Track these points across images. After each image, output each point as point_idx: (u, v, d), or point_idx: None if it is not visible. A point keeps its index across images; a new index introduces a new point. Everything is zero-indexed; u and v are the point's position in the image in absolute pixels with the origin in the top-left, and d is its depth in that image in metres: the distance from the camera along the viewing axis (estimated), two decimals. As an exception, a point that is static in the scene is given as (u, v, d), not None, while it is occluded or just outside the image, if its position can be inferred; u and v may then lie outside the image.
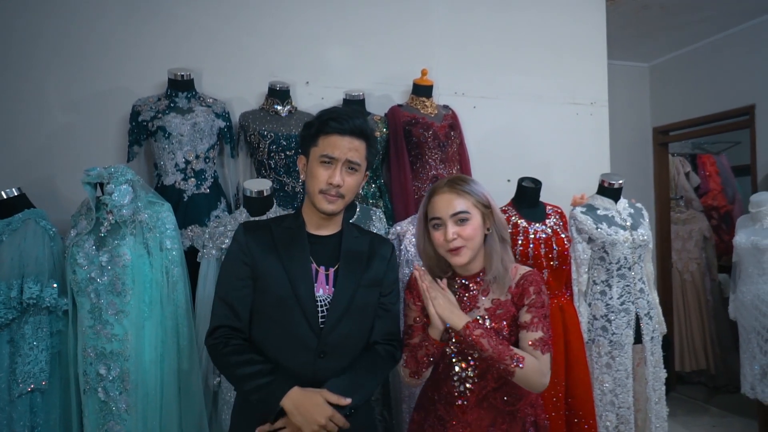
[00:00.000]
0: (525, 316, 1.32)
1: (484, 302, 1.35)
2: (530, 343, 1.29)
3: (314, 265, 1.31)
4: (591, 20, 3.04)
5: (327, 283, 1.31)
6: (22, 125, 2.20)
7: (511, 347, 1.27)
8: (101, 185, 1.79)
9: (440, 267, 1.40)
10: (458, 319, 1.28)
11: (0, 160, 2.16)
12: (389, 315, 1.39)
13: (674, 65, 4.15)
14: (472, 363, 1.35)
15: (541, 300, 1.33)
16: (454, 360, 1.37)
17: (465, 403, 1.34)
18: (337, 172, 1.28)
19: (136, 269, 1.72)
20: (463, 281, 1.39)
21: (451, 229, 1.31)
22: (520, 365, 1.24)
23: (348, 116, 1.29)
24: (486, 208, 1.36)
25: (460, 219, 1.32)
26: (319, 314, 1.28)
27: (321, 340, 1.26)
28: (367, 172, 1.39)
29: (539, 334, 1.30)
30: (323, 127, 1.28)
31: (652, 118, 4.32)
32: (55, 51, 2.25)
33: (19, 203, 1.86)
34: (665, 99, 4.22)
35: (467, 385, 1.35)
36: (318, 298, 1.29)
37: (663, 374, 2.27)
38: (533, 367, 1.26)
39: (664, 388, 2.27)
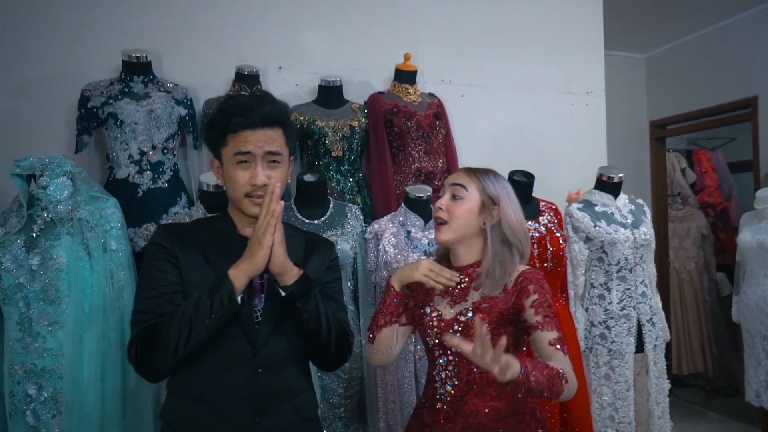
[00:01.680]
0: (535, 317, 1.18)
1: (474, 296, 1.25)
2: (551, 342, 1.15)
3: None
4: (586, 5, 2.88)
5: (262, 291, 1.13)
6: (-43, 111, 1.98)
7: (548, 364, 1.06)
8: (36, 178, 1.57)
9: (441, 253, 1.36)
10: (513, 367, 0.98)
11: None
12: (335, 302, 1.25)
13: (672, 56, 3.99)
14: (450, 358, 1.25)
15: (546, 298, 1.20)
16: (437, 354, 1.28)
17: (445, 407, 1.23)
18: (258, 170, 1.11)
19: (73, 273, 1.51)
20: (455, 272, 1.29)
21: (444, 199, 1.27)
22: (566, 380, 1.07)
23: (254, 105, 1.11)
24: (492, 201, 1.27)
25: (455, 194, 1.27)
26: (256, 326, 1.11)
27: (258, 354, 1.10)
28: (292, 158, 1.23)
29: (556, 333, 1.16)
30: (229, 125, 1.10)
31: (648, 111, 4.18)
32: (-4, 28, 2.02)
33: (-56, 198, 1.64)
34: (662, 92, 4.07)
35: (447, 388, 1.24)
36: (255, 308, 1.12)
37: (666, 385, 2.10)
38: (569, 373, 1.10)
39: (667, 400, 2.09)
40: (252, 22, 2.31)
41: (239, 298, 1.03)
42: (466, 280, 1.28)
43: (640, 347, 2.03)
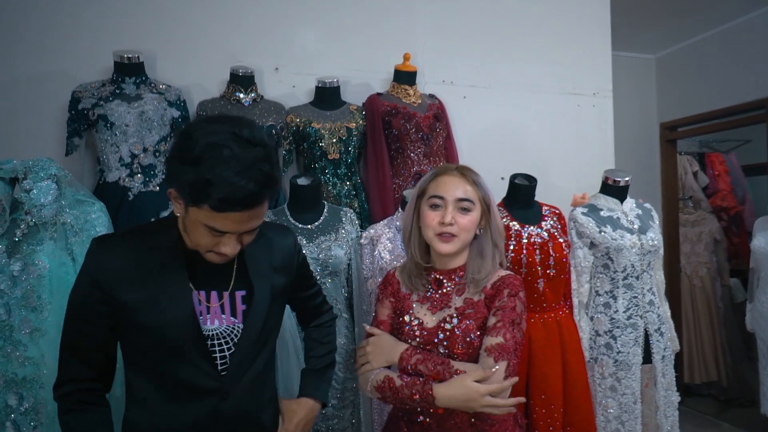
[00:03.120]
0: (491, 320, 1.21)
1: (456, 301, 1.26)
2: (485, 348, 1.17)
3: (201, 293, 1.04)
4: (593, 3, 2.80)
5: (223, 312, 1.05)
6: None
7: (452, 363, 1.16)
8: (19, 181, 1.52)
9: (422, 255, 1.31)
10: (393, 356, 1.21)
11: None
12: (318, 294, 1.35)
13: (683, 56, 3.88)
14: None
15: (512, 304, 1.21)
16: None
17: (428, 420, 1.20)
18: (230, 244, 0.97)
19: (56, 279, 1.46)
20: (438, 276, 1.29)
21: (452, 213, 1.24)
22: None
23: (248, 184, 0.88)
24: (487, 207, 1.29)
25: (464, 207, 1.25)
26: (218, 352, 1.03)
27: (224, 382, 1.03)
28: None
29: (498, 340, 1.16)
30: (210, 202, 0.88)
31: (658, 113, 4.07)
32: (-14, 29, 1.99)
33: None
34: (673, 93, 3.96)
35: None
36: (209, 333, 1.03)
37: (676, 398, 2.00)
38: (473, 374, 1.13)
39: (677, 414, 2.00)
40: (248, 22, 2.27)
41: None
42: (450, 285, 1.27)
43: (647, 358, 1.94)
